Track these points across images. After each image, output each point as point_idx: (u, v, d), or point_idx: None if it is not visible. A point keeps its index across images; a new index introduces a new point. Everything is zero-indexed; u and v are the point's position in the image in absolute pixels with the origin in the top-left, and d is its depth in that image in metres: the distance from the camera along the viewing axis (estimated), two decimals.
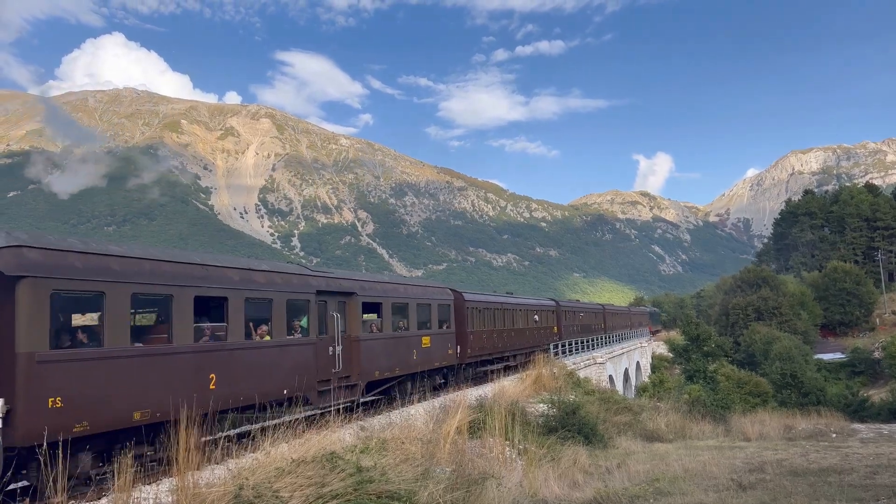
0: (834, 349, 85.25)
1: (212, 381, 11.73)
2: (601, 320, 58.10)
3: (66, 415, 8.95)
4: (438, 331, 22.99)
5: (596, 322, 55.55)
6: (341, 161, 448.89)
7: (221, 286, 12.42)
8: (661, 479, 13.07)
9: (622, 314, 75.01)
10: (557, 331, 41.11)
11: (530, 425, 17.35)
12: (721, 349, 61.72)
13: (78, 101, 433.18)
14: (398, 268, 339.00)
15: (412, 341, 20.66)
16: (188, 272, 11.75)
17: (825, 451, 18.17)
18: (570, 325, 45.34)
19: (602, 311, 61.06)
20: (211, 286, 12.15)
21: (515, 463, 13.43)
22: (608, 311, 64.26)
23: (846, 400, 53.30)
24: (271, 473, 8.07)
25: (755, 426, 27.37)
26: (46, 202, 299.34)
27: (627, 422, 24.01)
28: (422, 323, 21.71)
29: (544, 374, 25.12)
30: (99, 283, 9.78)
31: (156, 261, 11.20)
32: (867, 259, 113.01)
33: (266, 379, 13.32)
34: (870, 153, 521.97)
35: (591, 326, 52.64)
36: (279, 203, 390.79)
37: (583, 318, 50.83)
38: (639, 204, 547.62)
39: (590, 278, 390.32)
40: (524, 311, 35.42)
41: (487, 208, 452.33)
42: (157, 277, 10.96)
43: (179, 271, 11.55)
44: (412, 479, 8.74)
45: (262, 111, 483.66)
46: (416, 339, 20.97)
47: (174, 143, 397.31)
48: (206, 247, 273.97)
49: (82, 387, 9.30)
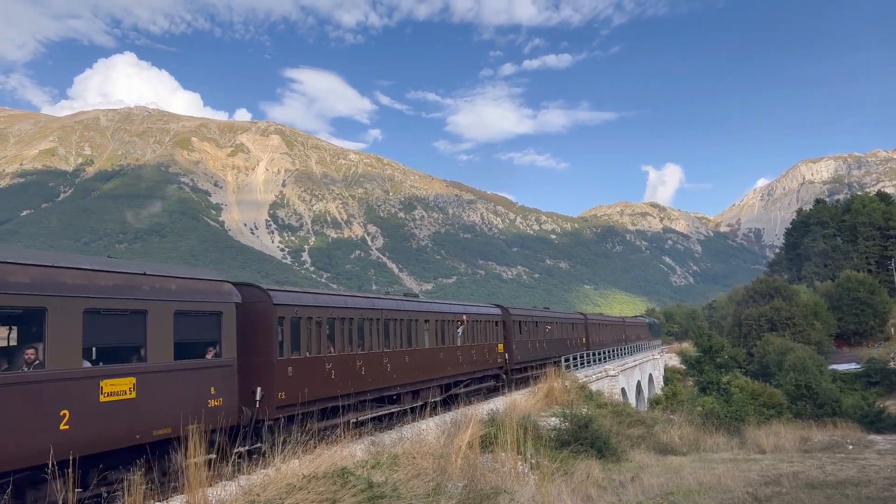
0: (849, 359, 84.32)
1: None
2: (581, 332, 50.54)
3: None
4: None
5: (575, 335, 48.80)
6: (351, 176, 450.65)
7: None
8: (676, 493, 12.94)
9: (612, 325, 62.32)
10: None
11: (542, 439, 17.23)
12: (734, 360, 61.19)
13: (90, 119, 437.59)
14: (408, 281, 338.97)
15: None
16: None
17: (842, 463, 17.95)
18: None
19: (585, 321, 51.73)
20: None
21: (528, 477, 13.33)
22: (590, 321, 53.15)
23: (862, 411, 52.65)
24: (282, 489, 8.04)
25: (770, 438, 27.09)
26: (59, 221, 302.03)
27: (641, 435, 23.81)
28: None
29: (556, 388, 24.98)
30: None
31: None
32: (880, 268, 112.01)
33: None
34: (881, 161, 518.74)
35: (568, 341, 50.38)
36: (289, 218, 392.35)
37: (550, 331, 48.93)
38: (649, 215, 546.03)
39: (600, 290, 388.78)
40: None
41: (497, 221, 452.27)
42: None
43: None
44: (424, 495, 8.69)
45: (272, 128, 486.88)
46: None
47: (185, 161, 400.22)
48: (217, 263, 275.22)
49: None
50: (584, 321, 48.35)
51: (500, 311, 30.69)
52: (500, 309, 31.06)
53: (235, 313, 12.78)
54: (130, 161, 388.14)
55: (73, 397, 9.27)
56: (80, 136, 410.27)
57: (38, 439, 8.67)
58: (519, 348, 31.42)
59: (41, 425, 8.78)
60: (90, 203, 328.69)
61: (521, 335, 32.05)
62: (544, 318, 38.41)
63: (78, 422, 9.22)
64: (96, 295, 9.96)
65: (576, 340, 44.45)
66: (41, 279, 9.21)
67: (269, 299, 14.14)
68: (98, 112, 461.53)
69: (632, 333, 69.53)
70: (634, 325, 76.01)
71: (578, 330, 46.34)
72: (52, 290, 9.28)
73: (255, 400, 13.50)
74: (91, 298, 9.82)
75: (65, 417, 9.07)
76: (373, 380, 18.35)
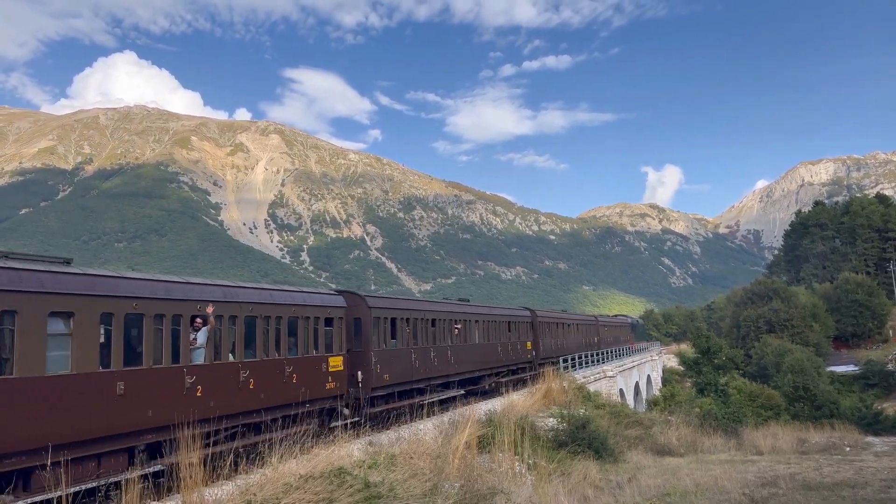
0: (847, 361, 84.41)
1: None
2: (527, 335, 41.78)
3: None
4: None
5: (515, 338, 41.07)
6: (350, 176, 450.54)
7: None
8: (673, 494, 12.95)
9: (577, 325, 49.37)
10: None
11: (540, 440, 17.24)
12: (732, 362, 61.23)
13: (89, 118, 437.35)
14: (407, 281, 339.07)
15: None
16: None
17: (839, 465, 17.97)
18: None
19: (532, 319, 40.12)
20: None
21: (525, 478, 13.33)
22: (540, 319, 40.87)
23: (860, 413, 52.74)
24: (279, 489, 8.04)
25: (767, 439, 27.11)
26: (58, 219, 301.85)
27: (638, 436, 23.83)
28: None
29: (554, 388, 24.99)
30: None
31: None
32: (879, 270, 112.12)
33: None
34: (880, 163, 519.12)
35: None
36: (288, 218, 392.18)
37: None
38: (648, 216, 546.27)
39: (599, 291, 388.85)
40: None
41: (496, 221, 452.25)
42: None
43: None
44: (420, 495, 8.69)
45: (272, 127, 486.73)
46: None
47: (184, 160, 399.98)
48: (216, 262, 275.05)
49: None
50: (530, 319, 36.47)
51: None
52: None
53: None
54: (130, 160, 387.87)
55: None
56: (80, 134, 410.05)
57: None
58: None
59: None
60: (89, 202, 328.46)
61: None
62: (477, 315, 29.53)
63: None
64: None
65: (513, 346, 32.85)
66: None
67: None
68: (98, 111, 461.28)
69: (608, 335, 59.25)
70: (612, 325, 65.42)
71: (522, 332, 34.63)
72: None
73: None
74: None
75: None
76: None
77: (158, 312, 11.18)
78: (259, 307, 14.30)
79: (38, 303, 9.11)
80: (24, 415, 8.70)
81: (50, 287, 9.37)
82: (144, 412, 10.57)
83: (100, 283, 10.36)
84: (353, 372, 17.89)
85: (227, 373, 12.80)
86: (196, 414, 11.23)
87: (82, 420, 9.43)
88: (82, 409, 9.48)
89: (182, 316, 11.72)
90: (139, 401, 10.47)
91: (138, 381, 10.55)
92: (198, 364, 12.03)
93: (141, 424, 10.46)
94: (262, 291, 15.14)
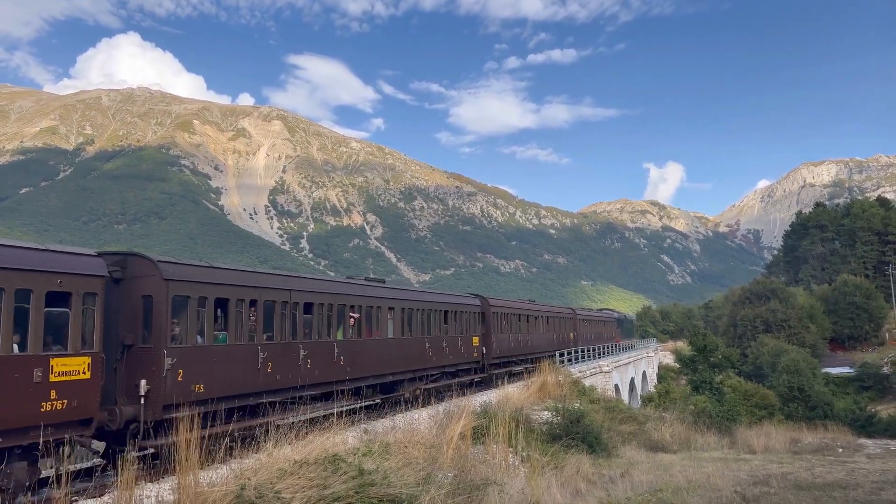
0: (842, 363, 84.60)
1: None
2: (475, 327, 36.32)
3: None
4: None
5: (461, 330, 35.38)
6: (351, 164, 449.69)
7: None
8: (665, 490, 13.01)
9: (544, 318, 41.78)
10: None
11: (534, 432, 17.31)
12: (728, 361, 61.22)
13: (91, 99, 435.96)
14: (406, 272, 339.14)
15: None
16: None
17: (831, 466, 18.04)
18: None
19: (480, 308, 34.37)
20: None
21: (518, 470, 13.39)
22: (494, 307, 34.68)
23: (854, 415, 52.98)
24: (274, 474, 8.08)
25: (761, 439, 27.21)
26: (59, 199, 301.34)
27: (632, 431, 23.92)
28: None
29: (549, 382, 25.05)
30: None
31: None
32: (878, 273, 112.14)
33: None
34: (882, 166, 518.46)
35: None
36: (289, 204, 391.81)
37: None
38: (648, 213, 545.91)
39: (597, 286, 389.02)
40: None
41: (496, 214, 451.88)
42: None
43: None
44: (414, 484, 8.73)
45: (274, 113, 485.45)
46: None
47: (186, 143, 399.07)
48: (215, 247, 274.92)
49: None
50: (479, 308, 29.54)
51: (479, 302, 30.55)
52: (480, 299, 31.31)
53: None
54: (131, 142, 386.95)
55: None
56: (82, 115, 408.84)
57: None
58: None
59: None
60: (90, 183, 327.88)
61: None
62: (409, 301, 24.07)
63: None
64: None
65: (451, 343, 26.15)
66: None
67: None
68: (100, 91, 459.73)
69: (588, 332, 52.45)
70: (594, 320, 57.61)
71: (466, 325, 27.91)
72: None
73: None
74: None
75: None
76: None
77: None
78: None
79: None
80: None
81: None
82: None
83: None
84: (135, 381, 11.74)
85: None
86: None
87: None
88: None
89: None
90: None
91: None
92: None
93: None
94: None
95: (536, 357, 33.65)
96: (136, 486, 7.39)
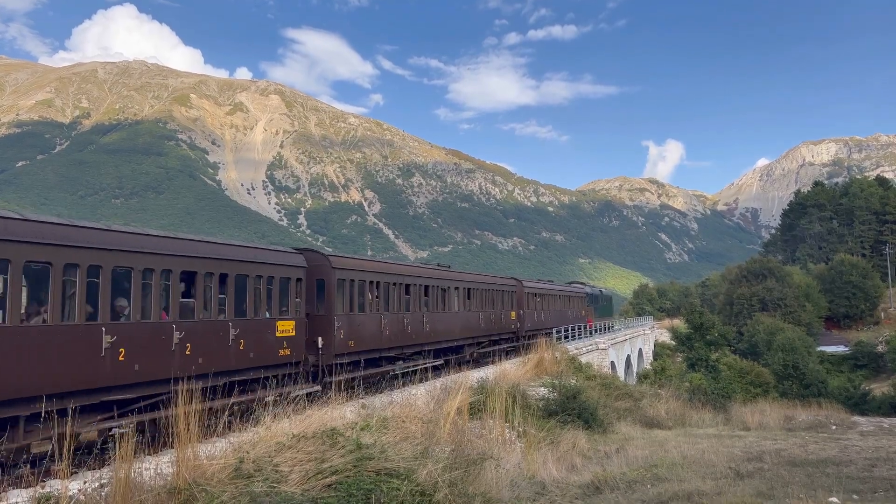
0: (837, 342, 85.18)
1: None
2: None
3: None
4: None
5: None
6: (350, 139, 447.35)
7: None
8: (660, 466, 13.13)
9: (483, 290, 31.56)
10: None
11: (531, 408, 17.43)
12: (724, 338, 61.73)
13: (87, 72, 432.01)
14: (403, 248, 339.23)
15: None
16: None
17: (824, 443, 18.21)
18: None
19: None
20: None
21: (515, 445, 13.51)
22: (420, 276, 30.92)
23: (848, 393, 53.42)
24: (272, 448, 8.13)
25: (755, 416, 27.42)
26: (55, 173, 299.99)
27: (627, 408, 24.10)
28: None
29: (546, 359, 25.18)
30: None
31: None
32: (875, 252, 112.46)
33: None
34: (882, 146, 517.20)
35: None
36: (286, 180, 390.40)
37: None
38: (647, 191, 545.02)
39: (595, 264, 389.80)
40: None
41: (495, 191, 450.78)
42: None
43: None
44: (411, 458, 8.79)
45: (272, 87, 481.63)
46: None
47: (183, 117, 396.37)
48: (213, 222, 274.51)
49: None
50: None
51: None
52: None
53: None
54: (128, 115, 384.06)
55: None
56: (78, 88, 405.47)
57: None
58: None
59: None
60: (86, 156, 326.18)
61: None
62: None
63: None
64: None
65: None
66: None
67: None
68: (96, 64, 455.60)
69: (545, 310, 40.91)
70: (554, 294, 44.20)
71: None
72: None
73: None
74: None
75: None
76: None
77: None
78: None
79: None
80: None
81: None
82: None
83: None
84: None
85: None
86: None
87: None
88: None
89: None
90: None
91: None
92: None
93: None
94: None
95: (444, 350, 26.14)
96: (136, 458, 7.43)
